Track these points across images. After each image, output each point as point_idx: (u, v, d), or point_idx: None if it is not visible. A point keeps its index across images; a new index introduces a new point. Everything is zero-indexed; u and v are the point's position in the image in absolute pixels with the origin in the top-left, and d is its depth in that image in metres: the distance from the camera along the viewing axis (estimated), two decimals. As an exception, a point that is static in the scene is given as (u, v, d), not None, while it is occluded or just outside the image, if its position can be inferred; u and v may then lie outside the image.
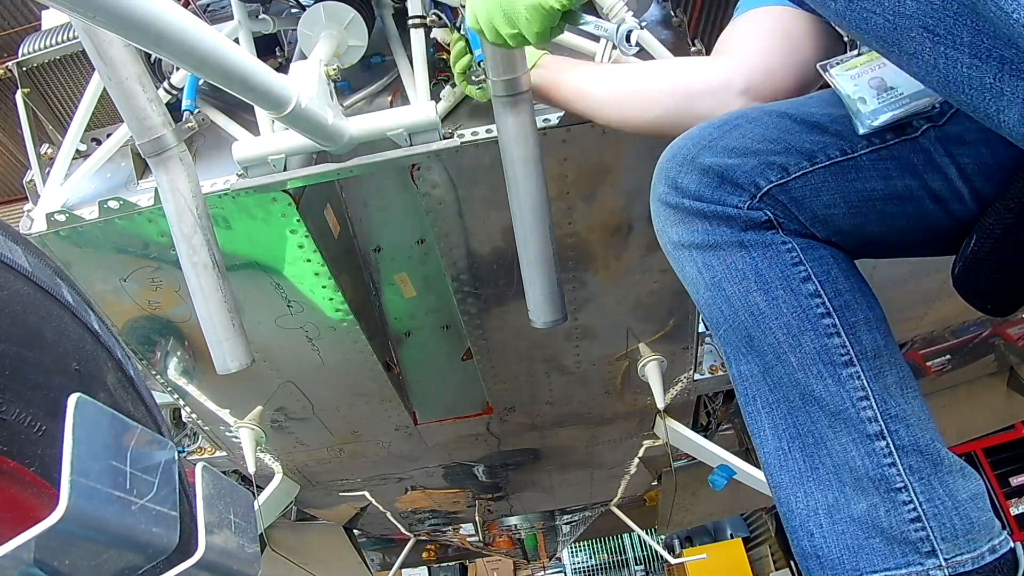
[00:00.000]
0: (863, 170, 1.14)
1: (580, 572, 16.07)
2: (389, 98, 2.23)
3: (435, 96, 2.05)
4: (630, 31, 1.39)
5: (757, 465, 3.97)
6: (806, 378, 1.12)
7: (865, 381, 1.10)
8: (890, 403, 1.10)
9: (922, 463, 1.08)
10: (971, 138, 1.10)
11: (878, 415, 1.09)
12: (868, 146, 1.14)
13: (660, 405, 2.98)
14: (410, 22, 2.04)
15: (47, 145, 2.30)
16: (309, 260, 2.24)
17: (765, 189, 1.15)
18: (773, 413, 1.16)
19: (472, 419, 3.40)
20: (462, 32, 2.12)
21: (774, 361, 1.14)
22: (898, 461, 1.08)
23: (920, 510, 1.06)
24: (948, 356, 4.03)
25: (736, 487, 3.67)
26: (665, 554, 6.54)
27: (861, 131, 1.13)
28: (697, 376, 3.34)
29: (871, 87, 1.15)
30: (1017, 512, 7.73)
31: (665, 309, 2.73)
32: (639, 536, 7.02)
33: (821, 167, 1.14)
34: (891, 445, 1.08)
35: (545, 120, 1.96)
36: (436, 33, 2.04)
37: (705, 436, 3.85)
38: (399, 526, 5.80)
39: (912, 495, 1.07)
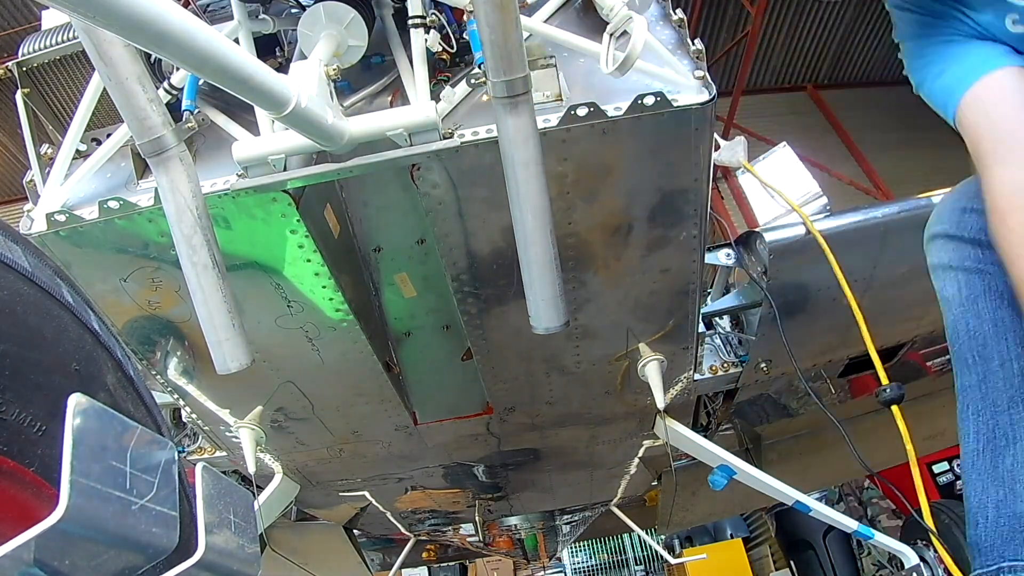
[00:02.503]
0: None
1: (580, 572, 16.05)
2: (389, 98, 2.23)
3: (435, 96, 2.04)
4: None
5: (757, 465, 3.97)
6: (1022, 382, 1.30)
7: None
8: None
9: None
10: None
11: None
12: None
13: (660, 405, 2.98)
14: (410, 22, 2.04)
15: (47, 145, 2.30)
16: (309, 260, 2.24)
17: None
18: (979, 418, 1.35)
19: (472, 419, 3.40)
20: (465, 36, 2.13)
21: (997, 367, 1.33)
22: None
23: None
24: (948, 356, 4.01)
25: (736, 487, 3.67)
26: (665, 554, 6.54)
27: None
28: (697, 376, 3.34)
29: None
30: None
31: (665, 309, 2.72)
32: (639, 536, 7.02)
33: None
34: None
35: (545, 121, 1.96)
36: (430, 42, 2.04)
37: (705, 436, 3.84)
38: (399, 526, 5.80)
39: None
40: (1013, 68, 1.52)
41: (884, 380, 2.74)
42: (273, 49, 2.30)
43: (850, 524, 3.88)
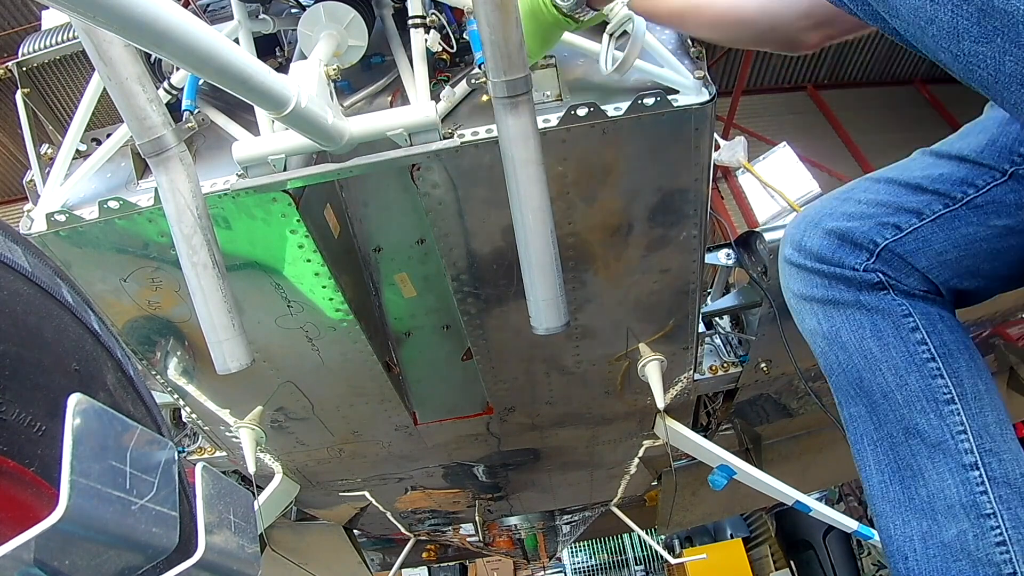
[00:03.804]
0: (964, 218, 1.30)
1: (580, 572, 16.06)
2: (389, 98, 2.23)
3: (435, 96, 2.05)
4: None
5: (757, 465, 3.97)
6: (910, 413, 1.27)
7: (964, 418, 1.25)
8: (986, 439, 1.24)
9: (1011, 495, 1.21)
10: None
11: (974, 448, 1.23)
12: (963, 197, 1.31)
13: (660, 405, 2.98)
14: (410, 22, 2.04)
15: (47, 145, 2.30)
16: (309, 260, 2.24)
17: (882, 245, 1.32)
18: (877, 449, 1.32)
19: (472, 419, 3.40)
20: (465, 36, 2.12)
21: (881, 399, 1.30)
22: (989, 490, 1.20)
23: (1006, 535, 1.18)
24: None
25: (736, 487, 3.67)
26: (665, 554, 6.54)
27: None
28: (697, 376, 3.34)
29: None
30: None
31: (665, 309, 2.72)
32: (639, 536, 7.02)
33: (928, 221, 1.32)
34: (984, 475, 1.21)
35: (545, 121, 1.96)
36: (430, 42, 2.04)
37: (705, 436, 3.84)
38: (399, 526, 5.80)
39: (1000, 521, 1.19)
40: None
41: (884, 380, 2.74)
42: (273, 49, 2.30)
43: (850, 524, 3.88)
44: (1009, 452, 1.24)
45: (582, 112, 1.95)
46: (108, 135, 2.28)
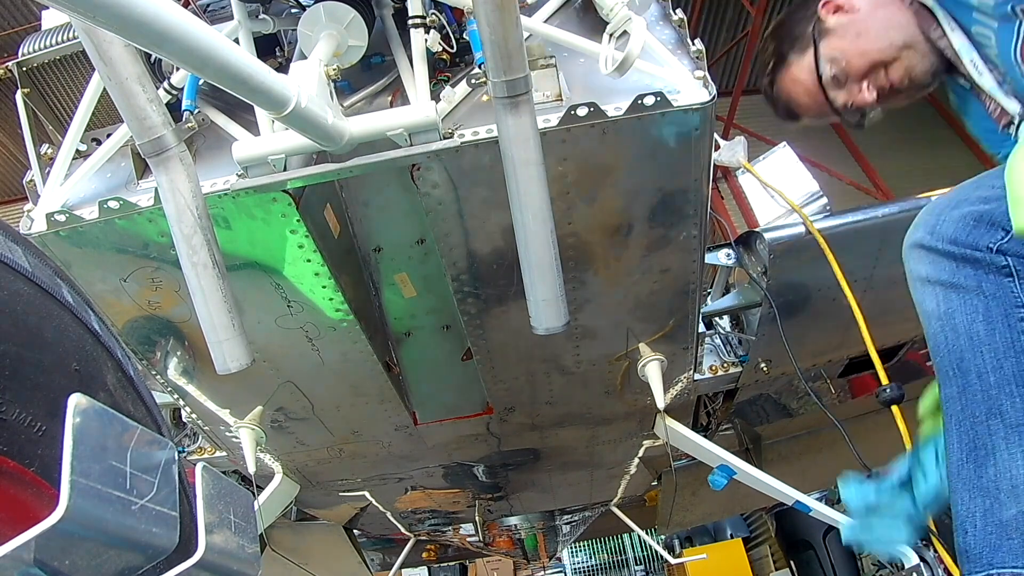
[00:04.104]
0: None
1: (580, 572, 16.05)
2: (389, 98, 2.23)
3: (435, 96, 2.04)
4: None
5: (757, 465, 3.97)
6: (998, 394, 1.33)
7: None
8: None
9: None
10: None
11: None
12: None
13: (660, 405, 2.98)
14: (410, 22, 2.04)
15: (47, 145, 2.30)
16: (309, 260, 2.24)
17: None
18: (960, 428, 1.37)
19: (472, 419, 3.40)
20: (465, 36, 2.12)
21: (975, 379, 1.36)
22: None
23: None
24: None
25: (736, 487, 3.67)
26: (665, 554, 6.54)
27: None
28: (697, 376, 3.34)
29: None
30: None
31: (665, 309, 2.72)
32: (639, 536, 7.02)
33: None
34: None
35: (545, 121, 1.96)
36: (430, 42, 2.04)
37: (705, 436, 3.84)
38: (399, 526, 5.80)
39: None
40: None
41: (884, 380, 2.74)
42: (273, 49, 2.30)
43: (850, 524, 3.87)
44: None
45: (582, 112, 1.95)
46: (108, 135, 2.28)
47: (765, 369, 3.41)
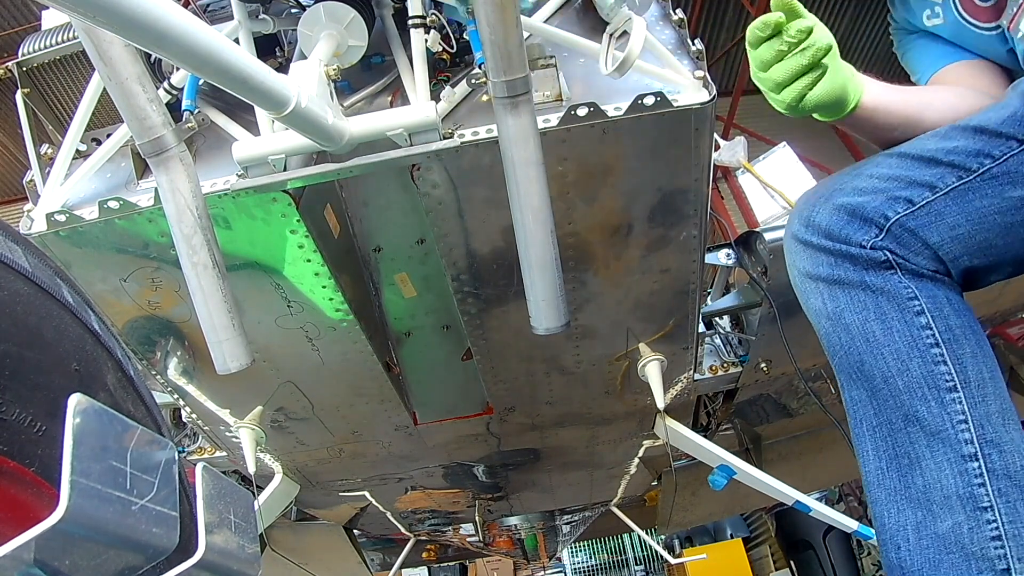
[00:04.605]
0: (979, 190, 1.28)
1: (580, 572, 16.05)
2: (389, 98, 2.23)
3: (435, 96, 2.05)
4: None
5: (757, 465, 3.97)
6: (911, 400, 1.24)
7: (966, 406, 1.21)
8: (988, 429, 1.20)
9: (1010, 488, 1.17)
10: None
11: (975, 438, 1.19)
12: (979, 168, 1.28)
13: (660, 405, 2.98)
14: (410, 22, 2.04)
15: (47, 145, 2.30)
16: (309, 260, 2.24)
17: (893, 220, 1.29)
18: (875, 435, 1.29)
19: (472, 419, 3.40)
20: (465, 36, 2.12)
21: (882, 384, 1.27)
22: (988, 483, 1.17)
23: (1002, 530, 1.15)
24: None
25: (736, 487, 3.67)
26: (665, 554, 6.54)
27: None
28: (697, 376, 3.34)
29: None
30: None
31: (665, 309, 2.72)
32: (639, 536, 7.02)
33: (941, 194, 1.29)
34: (983, 467, 1.18)
35: (545, 121, 1.96)
36: (430, 42, 2.04)
37: (705, 436, 3.84)
38: (399, 526, 5.80)
39: (997, 515, 1.16)
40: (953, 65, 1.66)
41: (884, 380, 2.74)
42: (273, 49, 2.30)
43: (850, 524, 3.88)
44: (1011, 443, 1.20)
45: (582, 112, 1.95)
46: (108, 135, 2.28)
47: (765, 369, 3.41)
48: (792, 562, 10.39)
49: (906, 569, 1.21)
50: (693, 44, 2.10)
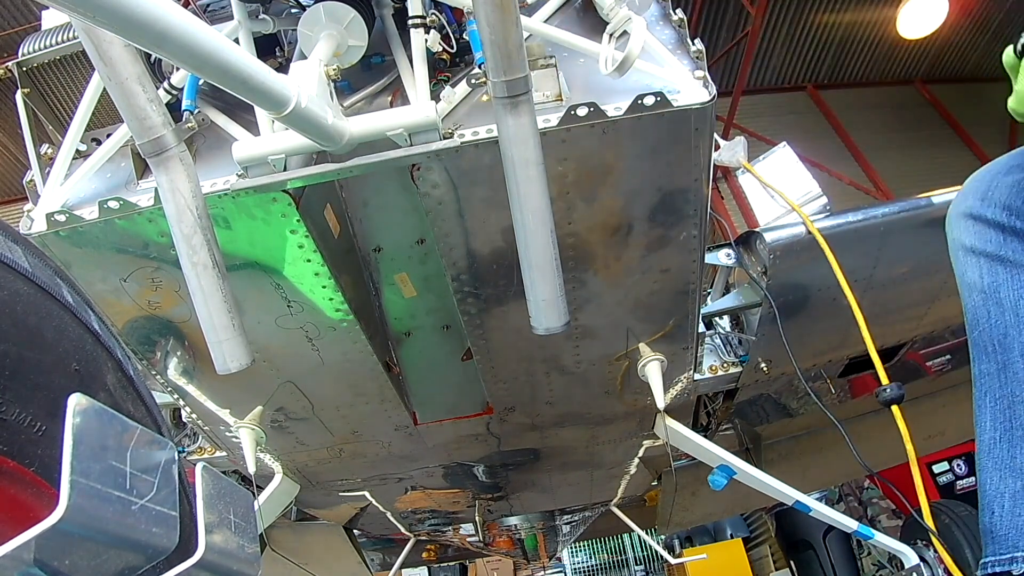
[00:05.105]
0: None
1: (580, 572, 16.05)
2: (389, 98, 2.23)
3: (435, 96, 2.04)
4: None
5: (757, 465, 3.97)
6: None
7: None
8: None
9: None
10: None
11: None
12: None
13: (660, 405, 2.98)
14: (410, 22, 2.04)
15: (47, 145, 2.30)
16: (309, 260, 2.24)
17: None
18: (996, 406, 1.34)
19: (472, 419, 3.40)
20: (465, 36, 2.12)
21: (1018, 358, 1.32)
22: None
23: None
24: (948, 356, 4.03)
25: (736, 487, 3.67)
26: (665, 554, 6.53)
27: None
28: (697, 376, 3.34)
29: None
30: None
31: (665, 309, 2.72)
32: (639, 536, 7.02)
33: None
34: None
35: (545, 121, 1.96)
36: (430, 42, 2.04)
37: (705, 436, 3.84)
38: (399, 526, 5.80)
39: None
40: None
41: (884, 380, 2.74)
42: (273, 49, 2.30)
43: (850, 524, 3.88)
44: None
45: (582, 112, 1.95)
46: (108, 135, 2.28)
47: (765, 369, 3.41)
48: (792, 562, 10.38)
49: (995, 533, 1.28)
50: (693, 44, 2.10)
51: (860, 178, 11.35)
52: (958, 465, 8.62)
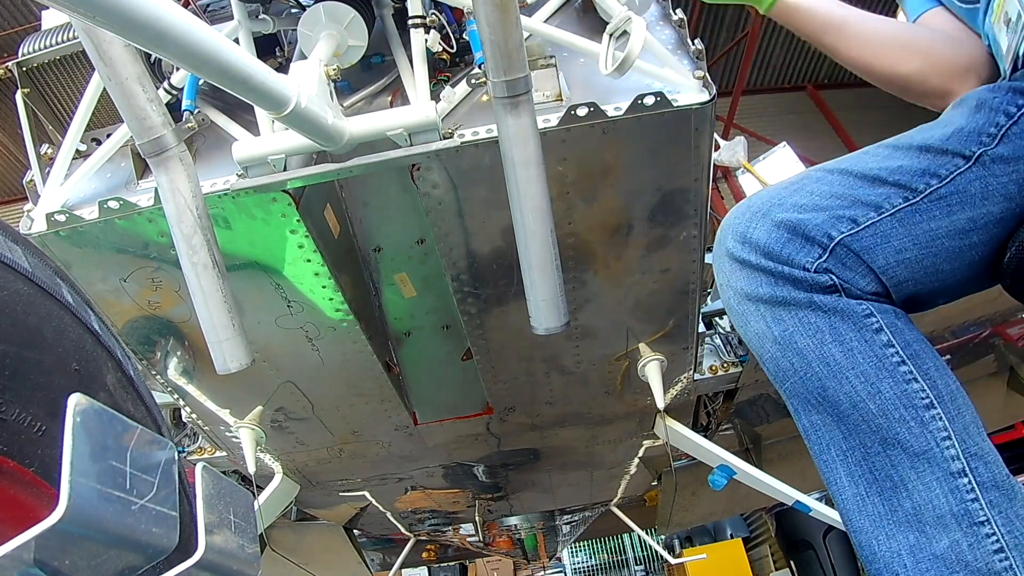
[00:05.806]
0: (926, 212, 1.22)
1: (580, 572, 16.06)
2: (389, 98, 2.23)
3: (435, 96, 2.05)
4: None
5: (757, 465, 3.97)
6: (888, 422, 1.17)
7: (947, 422, 1.17)
8: (969, 443, 1.17)
9: (1000, 498, 1.14)
10: (1018, 155, 1.21)
11: (960, 453, 1.16)
12: (926, 188, 1.23)
13: (660, 405, 2.98)
14: (410, 22, 2.04)
15: (47, 145, 2.30)
16: (309, 260, 2.24)
17: (837, 240, 1.21)
18: (848, 461, 1.22)
19: (472, 419, 3.40)
20: (465, 36, 2.12)
21: (850, 409, 1.19)
22: (980, 496, 1.14)
23: (1003, 542, 1.11)
24: (948, 356, 4.03)
25: (736, 487, 3.67)
26: (665, 554, 6.54)
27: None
28: (697, 376, 3.34)
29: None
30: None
31: (665, 309, 2.72)
32: (639, 536, 7.02)
33: (887, 215, 1.23)
34: (973, 482, 1.14)
35: (545, 121, 1.96)
36: (430, 42, 2.04)
37: (705, 436, 3.84)
38: (399, 526, 5.80)
39: (995, 528, 1.12)
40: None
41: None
42: (273, 49, 2.30)
43: (850, 524, 3.87)
44: (991, 452, 1.18)
45: (582, 112, 1.95)
46: (108, 135, 2.28)
47: (765, 369, 3.40)
48: (792, 562, 10.39)
49: None
50: (693, 44, 2.10)
51: (860, 178, 11.33)
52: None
